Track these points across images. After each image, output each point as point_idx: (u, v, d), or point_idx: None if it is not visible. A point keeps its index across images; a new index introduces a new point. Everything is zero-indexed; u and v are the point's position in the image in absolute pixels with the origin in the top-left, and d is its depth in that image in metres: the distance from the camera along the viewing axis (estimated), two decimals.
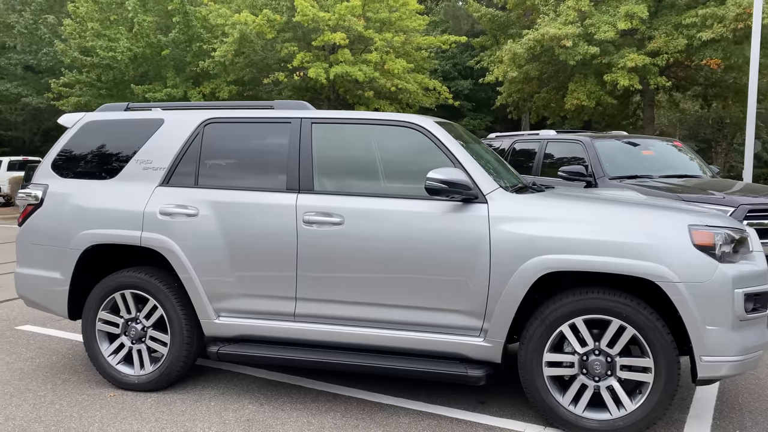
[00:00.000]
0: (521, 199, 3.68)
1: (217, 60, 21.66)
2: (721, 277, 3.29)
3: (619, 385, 3.46)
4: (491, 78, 19.30)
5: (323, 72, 20.16)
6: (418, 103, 24.44)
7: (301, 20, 19.86)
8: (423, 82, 23.08)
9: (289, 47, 20.69)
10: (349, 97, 23.04)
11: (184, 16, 22.39)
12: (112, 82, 24.54)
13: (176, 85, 23.49)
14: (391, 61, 21.45)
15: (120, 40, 22.75)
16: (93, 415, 3.83)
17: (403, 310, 3.74)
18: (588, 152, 7.04)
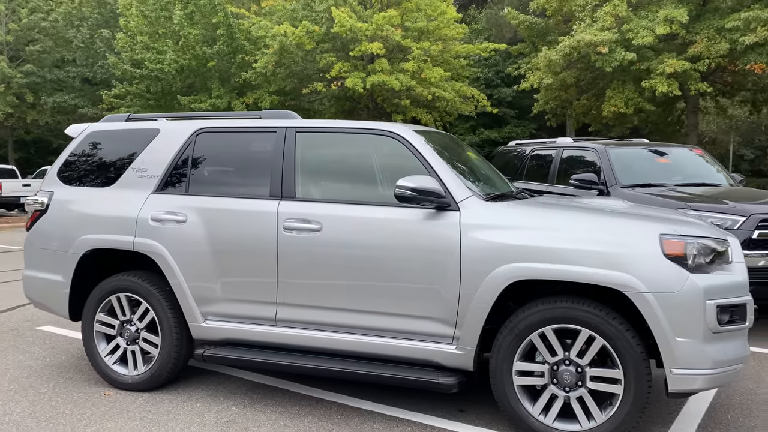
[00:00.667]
0: (495, 207, 3.68)
1: (258, 71, 22.15)
2: (691, 287, 3.22)
3: (589, 395, 3.42)
4: (526, 85, 19.14)
5: (360, 81, 20.37)
6: (456, 111, 24.42)
7: (339, 31, 20.14)
8: (461, 90, 23.04)
9: (327, 58, 21.00)
10: (387, 106, 23.21)
11: (228, 29, 23.00)
12: (160, 93, 25.38)
13: (221, 95, 24.11)
14: (428, 69, 21.52)
15: (167, 53, 23.52)
16: (84, 412, 4.01)
17: (378, 317, 3.78)
18: (601, 160, 6.93)
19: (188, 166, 4.32)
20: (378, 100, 23.16)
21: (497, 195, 3.98)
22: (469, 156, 4.58)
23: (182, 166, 4.34)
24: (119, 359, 4.44)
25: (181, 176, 4.32)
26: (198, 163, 4.33)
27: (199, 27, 23.93)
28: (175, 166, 4.35)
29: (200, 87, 24.93)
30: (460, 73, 24.86)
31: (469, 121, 33.53)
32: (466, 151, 4.62)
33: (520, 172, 8.59)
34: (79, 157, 4.69)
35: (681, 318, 3.21)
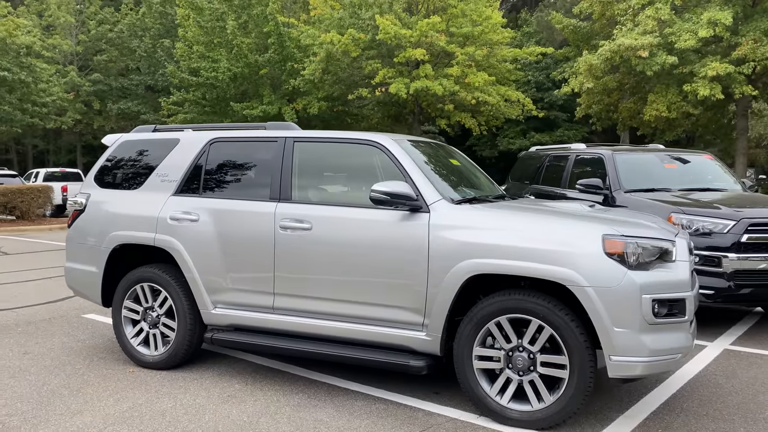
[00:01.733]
0: (461, 209, 4.09)
1: (306, 78, 22.94)
2: (628, 283, 3.56)
3: (540, 379, 3.79)
4: (567, 89, 19.21)
5: (404, 87, 20.85)
6: (502, 115, 24.60)
7: (384, 38, 20.69)
8: (506, 94, 23.22)
9: (372, 64, 21.58)
10: (431, 111, 23.63)
11: (278, 38, 23.88)
12: (215, 100, 26.54)
13: (272, 102, 25.04)
14: (472, 74, 21.81)
15: (221, 61, 24.60)
16: (110, 385, 4.63)
17: (359, 306, 4.25)
18: (608, 166, 7.20)
19: (202, 171, 4.91)
20: (423, 105, 23.59)
21: (468, 198, 4.38)
22: (453, 163, 4.99)
23: (197, 172, 4.92)
24: (143, 341, 5.06)
25: (196, 180, 4.91)
26: (211, 168, 4.90)
27: (252, 36, 24.92)
28: (192, 171, 4.94)
29: (253, 94, 25.93)
30: (506, 77, 25.03)
31: (519, 124, 33.57)
32: (452, 159, 5.03)
33: (537, 177, 8.89)
34: (112, 164, 5.35)
35: (619, 310, 3.56)
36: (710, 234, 5.81)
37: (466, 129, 26.94)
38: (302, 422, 3.95)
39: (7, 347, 5.64)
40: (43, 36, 33.75)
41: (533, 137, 34.08)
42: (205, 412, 4.10)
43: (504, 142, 34.43)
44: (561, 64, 28.72)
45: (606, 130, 31.03)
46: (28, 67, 28.87)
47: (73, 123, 34.17)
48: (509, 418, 3.84)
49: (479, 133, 23.92)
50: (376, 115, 25.96)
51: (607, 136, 31.76)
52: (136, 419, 3.98)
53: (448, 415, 4.04)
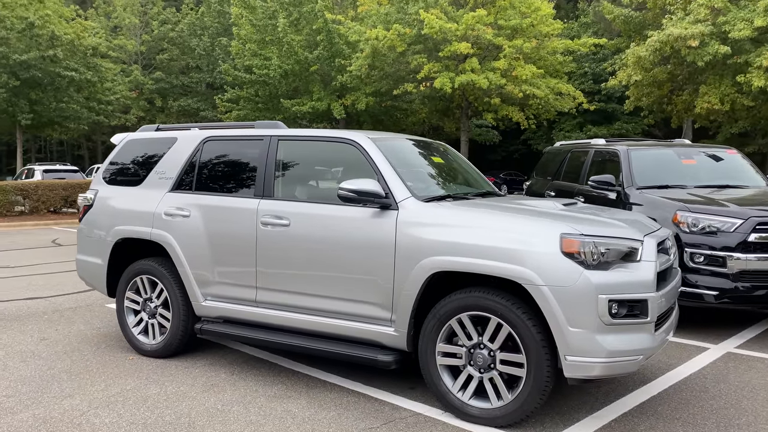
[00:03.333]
0: (428, 207, 4.13)
1: (353, 74, 23.16)
2: (584, 282, 3.52)
3: (499, 377, 3.80)
4: (614, 82, 18.68)
5: (448, 81, 20.78)
6: (553, 109, 24.15)
7: (429, 32, 20.66)
8: (556, 86, 22.79)
9: (418, 59, 21.59)
10: (478, 105, 23.44)
11: (327, 34, 24.20)
12: (267, 97, 27.16)
13: (321, 98, 25.41)
14: (519, 67, 21.51)
15: (272, 59, 25.13)
16: (107, 371, 4.91)
17: (333, 301, 4.36)
18: (622, 161, 7.03)
19: (196, 168, 5.12)
20: (470, 98, 23.43)
21: (439, 196, 4.39)
22: (436, 161, 5.02)
23: (191, 169, 5.14)
24: (143, 330, 5.32)
25: (190, 177, 5.12)
26: (204, 166, 5.11)
27: (304, 33, 25.35)
28: (187, 168, 5.15)
29: (303, 91, 26.40)
30: (558, 69, 24.55)
31: (575, 118, 32.84)
32: (433, 157, 5.05)
33: (559, 172, 8.75)
34: (118, 162, 5.64)
35: (574, 310, 3.53)
36: (716, 233, 5.62)
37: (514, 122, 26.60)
38: (271, 412, 4.09)
39: (29, 333, 6.03)
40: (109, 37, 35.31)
41: (590, 130, 33.25)
42: (184, 399, 4.31)
43: (559, 135, 33.75)
44: (614, 55, 27.91)
45: (667, 123, 29.95)
46: (94, 67, 30.24)
47: (137, 120, 35.63)
48: (469, 415, 3.87)
49: (527, 127, 23.53)
50: (424, 109, 25.95)
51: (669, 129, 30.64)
52: (118, 404, 4.22)
53: (414, 410, 4.10)
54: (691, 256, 5.66)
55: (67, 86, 29.79)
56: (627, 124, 33.46)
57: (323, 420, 3.96)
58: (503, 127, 29.77)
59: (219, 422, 3.92)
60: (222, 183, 4.99)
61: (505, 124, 27.49)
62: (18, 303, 7.39)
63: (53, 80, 29.05)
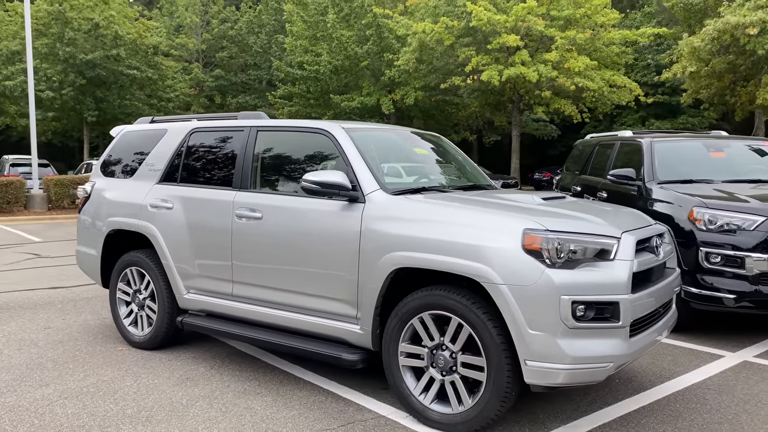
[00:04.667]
0: (396, 200, 3.92)
1: (401, 68, 22.96)
2: (545, 282, 3.25)
3: (461, 381, 3.58)
4: (668, 75, 17.74)
5: (496, 74, 20.31)
6: (609, 102, 23.25)
7: (478, 24, 20.24)
8: (611, 78, 21.92)
9: (466, 52, 21.19)
10: (529, 98, 22.82)
11: (376, 29, 24.10)
12: (318, 93, 27.31)
13: (370, 93, 25.34)
14: (572, 59, 20.80)
15: (322, 54, 25.23)
16: (92, 361, 4.94)
17: (303, 297, 4.22)
18: (644, 155, 6.59)
19: (181, 160, 5.08)
20: (521, 92, 22.84)
21: (410, 189, 4.17)
22: (417, 152, 4.80)
23: (177, 161, 5.10)
24: (132, 321, 5.34)
25: (176, 169, 5.09)
26: (189, 157, 5.06)
27: (354, 29, 25.31)
28: (173, 160, 5.13)
29: (354, 86, 26.40)
30: (614, 60, 23.63)
31: (637, 111, 31.57)
32: (417, 149, 4.83)
33: (585, 167, 8.33)
34: (114, 154, 5.68)
35: (534, 311, 3.26)
36: (735, 231, 5.16)
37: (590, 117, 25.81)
38: (233, 408, 3.99)
39: (37, 321, 6.18)
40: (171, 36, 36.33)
41: (653, 124, 31.90)
42: (153, 393, 4.27)
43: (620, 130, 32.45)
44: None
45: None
46: (155, 65, 31.19)
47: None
48: (430, 419, 3.67)
49: (580, 120, 22.72)
50: (474, 103, 25.48)
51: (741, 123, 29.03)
52: (88, 395, 4.22)
53: (379, 413, 3.92)
54: (706, 256, 5.22)
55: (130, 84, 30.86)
56: (693, 117, 31.89)
57: (281, 419, 3.83)
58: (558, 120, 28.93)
59: (177, 417, 3.86)
60: (205, 175, 4.93)
61: (560, 118, 26.67)
62: (41, 292, 7.61)
63: (117, 79, 30.15)
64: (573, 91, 21.14)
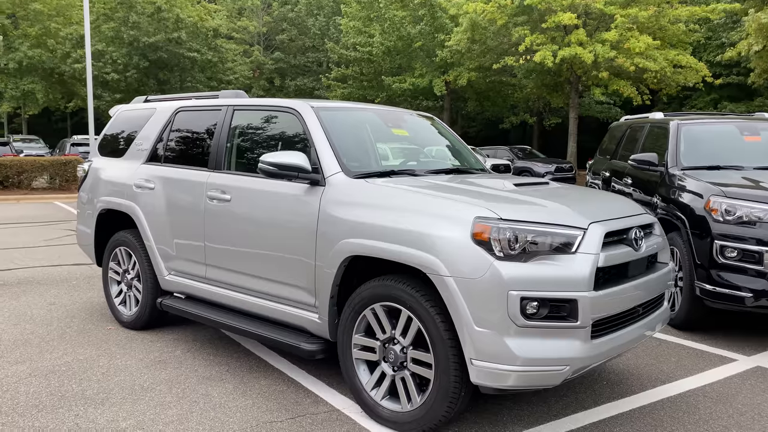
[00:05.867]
0: (356, 184, 3.70)
1: (453, 48, 22.46)
2: (492, 275, 2.98)
3: (411, 377, 3.35)
4: (732, 54, 16.56)
5: (550, 55, 19.56)
6: (674, 83, 22.05)
7: (532, 2, 19.52)
8: (675, 58, 20.74)
9: (519, 31, 20.49)
10: (586, 79, 21.90)
11: (429, 9, 23.64)
12: (372, 74, 27.11)
13: (423, 74, 24.95)
14: (633, 38, 19.79)
15: (375, 36, 24.99)
16: (80, 339, 4.97)
17: (266, 282, 4.08)
18: (670, 138, 6.09)
19: (165, 140, 5.01)
20: (579, 72, 21.94)
21: (378, 172, 3.92)
22: (396, 134, 4.53)
23: (162, 140, 5.04)
24: (122, 301, 5.35)
25: (160, 149, 5.03)
26: (172, 137, 4.99)
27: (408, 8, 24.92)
28: (158, 140, 5.06)
29: (407, 67, 26.06)
30: (681, 39, 22.36)
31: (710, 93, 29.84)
32: (396, 130, 4.56)
33: (616, 151, 7.82)
34: (109, 134, 5.68)
35: (480, 306, 3.00)
36: (755, 223, 4.67)
37: (653, 99, 24.66)
38: (190, 394, 3.90)
39: (45, 297, 6.31)
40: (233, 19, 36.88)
41: (725, 107, 30.08)
42: (120, 374, 4.24)
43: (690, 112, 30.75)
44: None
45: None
46: (215, 48, 31.75)
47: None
48: (379, 416, 3.46)
49: (640, 103, 21.64)
50: (529, 84, 24.67)
51: None
52: (56, 374, 4.22)
53: (335, 406, 3.74)
54: (720, 250, 4.76)
55: (191, 66, 31.56)
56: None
57: (233, 408, 3.71)
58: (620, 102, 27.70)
59: (131, 401, 3.80)
60: (185, 155, 4.85)
61: (624, 100, 25.54)
62: (63, 268, 7.80)
63: (178, 61, 30.89)
64: (633, 72, 20.12)
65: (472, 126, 40.08)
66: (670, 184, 5.70)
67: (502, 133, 35.04)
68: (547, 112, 33.27)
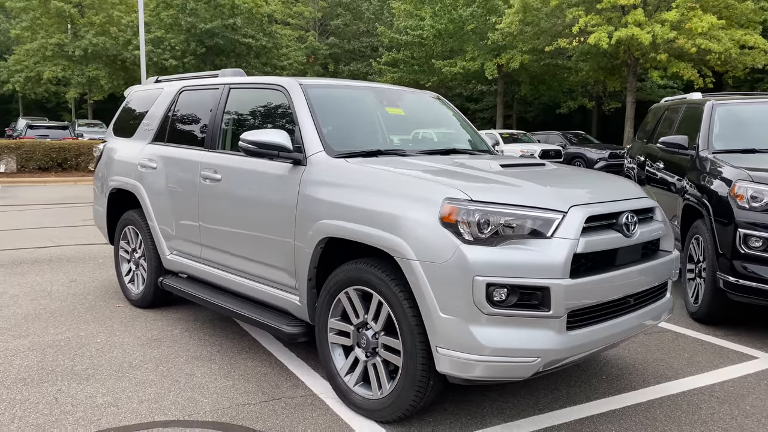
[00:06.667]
0: (336, 164, 3.57)
1: (504, 31, 21.92)
2: (458, 260, 2.81)
3: (382, 364, 3.23)
4: None
5: (605, 36, 18.81)
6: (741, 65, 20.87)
7: None
8: (742, 39, 19.60)
9: (573, 12, 19.79)
10: (644, 61, 20.97)
11: None
12: (423, 58, 26.80)
13: (474, 58, 24.48)
14: (696, 17, 18.81)
15: (426, 19, 24.66)
16: (87, 316, 5.06)
17: (253, 263, 4.02)
18: (704, 119, 5.69)
19: (169, 120, 5.01)
20: (636, 54, 21.04)
21: (364, 152, 3.76)
22: (390, 112, 4.36)
23: (167, 120, 5.04)
24: (131, 279, 5.42)
25: (165, 129, 5.03)
26: (176, 117, 4.98)
27: None
28: (163, 120, 5.07)
29: (458, 51, 25.62)
30: (751, 18, 21.12)
31: None
32: (390, 108, 4.38)
33: (652, 134, 7.40)
34: (123, 114, 5.73)
35: (446, 292, 2.84)
36: None
37: (720, 82, 23.51)
38: (174, 373, 3.89)
39: (68, 274, 6.48)
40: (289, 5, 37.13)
41: None
42: (113, 351, 4.28)
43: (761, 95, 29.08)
44: None
45: None
46: (270, 33, 32.06)
47: None
48: (352, 402, 3.36)
49: (702, 86, 20.56)
50: (585, 67, 23.83)
51: None
52: (53, 349, 4.29)
53: (313, 390, 3.66)
54: (744, 239, 4.40)
55: (247, 52, 31.98)
56: None
57: (211, 389, 3.68)
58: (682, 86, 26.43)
59: (115, 378, 3.82)
60: (185, 134, 4.83)
61: (685, 83, 24.37)
62: (94, 247, 7.99)
63: (234, 47, 31.36)
64: (694, 53, 19.13)
65: (529, 111, 39.18)
66: (699, 169, 5.32)
67: (560, 118, 34.05)
68: (607, 96, 32.14)
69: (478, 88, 29.62)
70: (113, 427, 3.19)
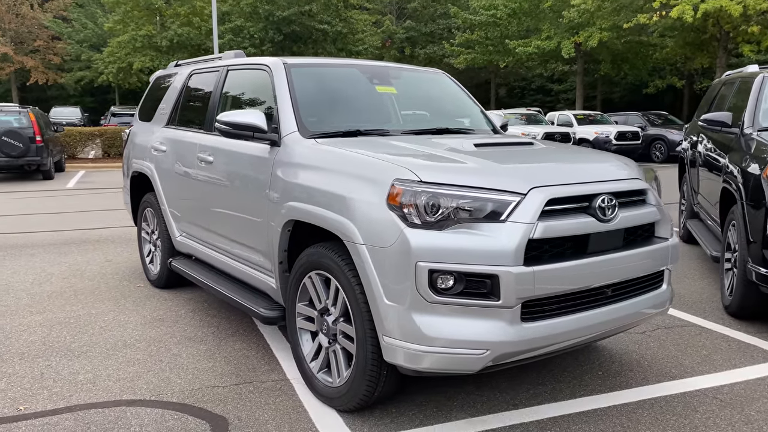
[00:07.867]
0: (306, 144, 3.46)
1: (581, 8, 20.96)
2: (401, 244, 2.65)
3: (341, 351, 3.12)
4: None
5: (690, 9, 17.59)
6: None
7: None
8: None
9: None
10: (735, 35, 19.47)
11: None
12: (498, 38, 26.11)
13: (551, 36, 23.61)
14: None
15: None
16: (104, 295, 5.24)
17: (239, 245, 4.00)
18: (752, 94, 5.16)
19: (180, 103, 5.06)
20: (726, 28, 19.57)
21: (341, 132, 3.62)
22: (380, 91, 4.17)
23: (178, 104, 5.10)
24: (151, 260, 5.56)
25: (176, 112, 5.09)
26: (186, 100, 5.03)
27: None
28: (176, 103, 5.13)
29: (534, 30, 24.77)
30: None
31: None
32: (380, 87, 4.19)
33: (708, 110, 6.80)
34: (146, 99, 5.86)
35: (390, 278, 2.68)
36: None
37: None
38: (162, 354, 3.94)
39: (105, 255, 6.76)
40: None
41: None
42: (115, 329, 4.39)
43: None
44: None
45: None
46: (345, 19, 32.15)
47: None
48: (315, 389, 3.28)
49: None
50: (669, 43, 22.41)
51: None
52: (61, 326, 4.45)
53: (287, 375, 3.59)
54: None
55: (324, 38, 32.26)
56: None
57: (189, 370, 3.69)
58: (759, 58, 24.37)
59: (105, 356, 3.91)
60: (191, 117, 4.87)
61: None
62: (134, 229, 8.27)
63: (311, 34, 31.69)
64: None
65: (615, 91, 37.44)
66: (741, 149, 4.83)
67: (648, 98, 32.27)
68: (699, 74, 30.17)
69: (559, 68, 28.53)
70: (81, 404, 3.26)
